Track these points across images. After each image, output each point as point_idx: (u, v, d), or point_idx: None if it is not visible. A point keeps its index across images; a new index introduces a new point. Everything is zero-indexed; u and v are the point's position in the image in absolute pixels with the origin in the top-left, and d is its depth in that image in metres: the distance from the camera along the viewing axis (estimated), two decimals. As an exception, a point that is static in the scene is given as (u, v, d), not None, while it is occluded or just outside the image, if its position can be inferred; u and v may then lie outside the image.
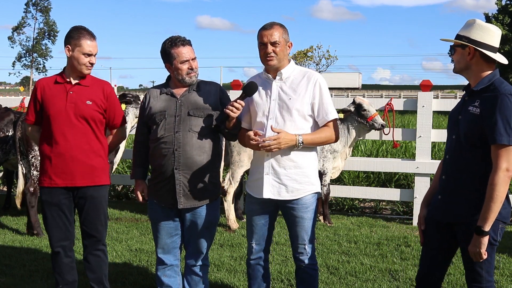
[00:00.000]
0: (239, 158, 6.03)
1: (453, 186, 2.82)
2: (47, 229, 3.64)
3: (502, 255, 5.09)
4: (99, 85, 3.62)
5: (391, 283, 4.38)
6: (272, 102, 3.22)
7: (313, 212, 3.27)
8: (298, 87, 3.20)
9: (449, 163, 2.86)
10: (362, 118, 6.23)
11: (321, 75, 3.29)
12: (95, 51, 3.54)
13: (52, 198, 3.55)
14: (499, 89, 2.66)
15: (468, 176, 2.76)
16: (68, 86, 3.54)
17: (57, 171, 3.50)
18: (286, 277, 4.49)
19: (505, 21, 40.44)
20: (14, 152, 6.00)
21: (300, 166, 3.20)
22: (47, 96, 3.54)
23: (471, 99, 2.78)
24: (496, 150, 2.62)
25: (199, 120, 3.30)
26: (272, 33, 3.16)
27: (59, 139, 3.49)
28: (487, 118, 2.64)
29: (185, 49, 3.30)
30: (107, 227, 3.74)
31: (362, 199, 7.36)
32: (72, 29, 3.56)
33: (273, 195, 3.22)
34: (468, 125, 2.73)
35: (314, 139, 3.18)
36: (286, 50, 3.23)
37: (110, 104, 3.64)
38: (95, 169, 3.56)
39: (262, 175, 3.22)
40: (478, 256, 2.68)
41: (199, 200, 3.34)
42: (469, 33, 2.77)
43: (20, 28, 64.62)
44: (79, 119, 3.49)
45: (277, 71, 3.23)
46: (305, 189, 3.22)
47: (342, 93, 45.80)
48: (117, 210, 6.99)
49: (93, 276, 3.67)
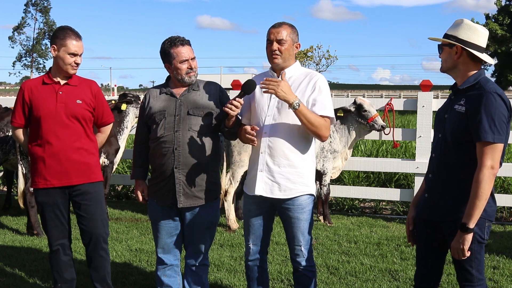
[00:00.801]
0: (239, 158, 6.03)
1: (440, 184, 2.84)
2: (45, 229, 3.65)
3: (502, 255, 5.09)
4: (87, 84, 3.66)
5: (391, 283, 4.38)
6: (272, 100, 3.22)
7: (309, 214, 3.24)
8: (299, 86, 3.20)
9: (435, 162, 2.88)
10: (363, 118, 6.23)
11: (323, 77, 3.29)
12: (81, 51, 3.56)
13: (49, 198, 3.56)
14: (485, 88, 2.70)
15: (454, 174, 2.78)
16: (57, 86, 3.56)
17: (52, 171, 3.51)
18: (286, 277, 4.49)
19: (505, 21, 40.46)
20: (14, 152, 6.00)
21: (295, 165, 3.19)
22: (35, 97, 3.54)
23: (457, 98, 2.81)
24: (481, 147, 2.64)
25: (199, 119, 3.31)
26: (280, 31, 3.17)
27: (52, 139, 3.49)
28: (472, 116, 2.67)
29: (184, 48, 3.31)
30: (108, 224, 3.75)
31: (362, 199, 7.36)
32: (57, 29, 3.58)
33: (265, 192, 3.20)
34: (454, 123, 2.75)
35: (308, 114, 3.07)
36: (292, 50, 3.22)
37: (98, 102, 3.67)
38: (90, 166, 3.59)
39: (256, 172, 3.22)
40: (461, 253, 2.69)
41: (198, 199, 3.34)
42: (457, 32, 2.80)
43: (20, 28, 64.69)
44: (71, 119, 3.52)
45: (282, 70, 3.23)
46: (298, 189, 3.19)
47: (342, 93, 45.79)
48: (117, 210, 6.99)
49: (96, 275, 3.68)
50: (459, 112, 2.74)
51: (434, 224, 2.88)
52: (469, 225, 2.63)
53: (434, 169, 2.89)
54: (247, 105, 3.31)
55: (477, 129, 2.64)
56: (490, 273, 4.61)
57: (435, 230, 2.90)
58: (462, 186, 2.74)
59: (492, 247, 5.35)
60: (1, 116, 6.15)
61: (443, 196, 2.82)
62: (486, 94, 2.67)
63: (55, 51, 3.52)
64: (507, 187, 7.33)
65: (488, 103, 2.64)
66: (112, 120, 3.86)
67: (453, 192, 2.78)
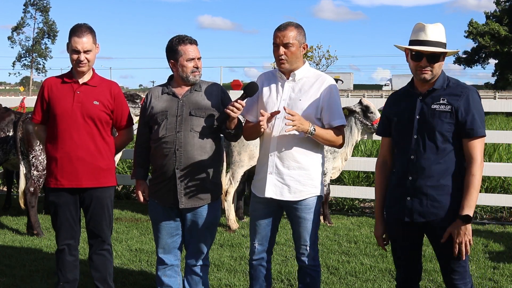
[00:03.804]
0: (239, 158, 6.03)
1: (426, 185, 2.80)
2: (54, 228, 3.65)
3: (502, 255, 5.09)
4: (107, 86, 3.60)
5: (391, 283, 4.38)
6: (282, 101, 3.20)
7: (316, 214, 3.25)
8: (310, 89, 3.19)
9: (416, 163, 2.81)
10: (368, 120, 6.24)
11: (334, 80, 3.27)
12: (85, 47, 3.42)
13: (59, 199, 3.55)
14: (463, 85, 2.80)
15: (443, 173, 2.78)
16: (76, 86, 3.52)
17: (63, 172, 3.49)
18: (286, 277, 4.49)
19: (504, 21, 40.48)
20: (14, 152, 6.00)
21: (305, 167, 3.19)
22: (54, 95, 3.52)
23: (432, 98, 2.80)
24: (474, 142, 2.74)
25: (201, 120, 3.30)
26: (285, 34, 3.12)
27: (66, 139, 3.47)
28: (464, 114, 2.73)
29: (192, 47, 3.31)
30: (112, 228, 3.75)
31: (362, 199, 7.36)
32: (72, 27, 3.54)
33: (275, 195, 3.21)
34: (440, 123, 2.75)
35: (324, 134, 3.14)
36: (299, 52, 3.19)
37: (117, 105, 3.61)
38: (101, 170, 3.54)
39: (266, 174, 3.22)
40: (468, 244, 2.73)
41: (200, 200, 3.34)
42: (440, 37, 2.80)
43: (19, 28, 64.57)
44: (86, 119, 3.47)
45: (291, 72, 3.22)
46: (308, 191, 3.20)
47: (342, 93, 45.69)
48: (117, 210, 6.98)
49: (98, 275, 3.67)
50: (443, 112, 2.76)
51: (414, 226, 2.87)
52: (471, 215, 2.72)
53: (414, 171, 2.82)
54: (254, 101, 3.32)
55: (472, 125, 2.73)
56: (490, 273, 4.62)
57: (413, 231, 2.91)
58: (451, 184, 2.78)
59: (492, 247, 5.35)
60: (1, 116, 6.15)
61: (434, 197, 2.79)
62: (471, 92, 2.78)
63: (67, 50, 3.51)
64: (507, 187, 7.33)
65: (475, 99, 2.76)
66: (132, 123, 3.80)
67: (444, 190, 2.78)
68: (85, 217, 3.65)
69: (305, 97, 3.18)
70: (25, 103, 7.78)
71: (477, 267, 4.75)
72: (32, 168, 5.75)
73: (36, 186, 5.76)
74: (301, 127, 3.04)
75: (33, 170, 5.75)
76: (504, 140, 7.04)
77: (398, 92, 3.11)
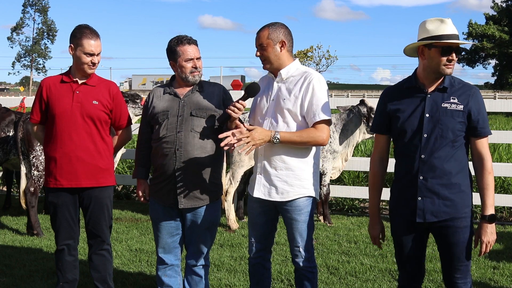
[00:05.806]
0: (239, 158, 6.04)
1: (438, 184, 2.78)
2: (53, 228, 3.65)
3: (502, 255, 5.10)
4: (105, 85, 3.62)
5: (391, 283, 4.38)
6: (271, 102, 3.20)
7: (308, 215, 3.20)
8: (294, 88, 3.15)
9: (427, 162, 2.78)
10: (371, 121, 6.22)
11: (320, 75, 3.21)
12: (98, 50, 3.51)
13: (58, 199, 3.55)
14: (468, 85, 2.82)
15: (454, 171, 2.78)
16: (75, 85, 3.53)
17: (62, 172, 3.50)
18: (286, 277, 4.49)
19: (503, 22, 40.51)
20: (14, 152, 6.00)
21: (292, 168, 3.16)
22: (53, 95, 3.52)
23: (441, 96, 2.77)
24: (484, 141, 2.80)
25: (202, 121, 3.31)
26: (259, 35, 3.16)
27: (65, 139, 3.48)
28: (476, 114, 2.75)
29: (191, 47, 3.31)
30: (111, 228, 3.75)
31: (362, 199, 7.36)
32: (75, 28, 3.55)
33: (263, 195, 3.21)
34: (451, 122, 2.74)
35: (292, 137, 3.06)
36: (276, 50, 3.14)
37: (116, 105, 3.63)
38: (100, 170, 3.55)
39: (256, 175, 3.25)
40: (492, 243, 2.81)
41: (200, 200, 3.34)
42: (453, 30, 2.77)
43: (19, 28, 64.56)
44: (85, 119, 3.49)
45: (277, 71, 3.21)
46: (295, 191, 3.16)
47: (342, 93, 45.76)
48: (117, 210, 6.98)
49: (97, 275, 3.68)
50: (455, 110, 2.74)
51: (427, 225, 2.86)
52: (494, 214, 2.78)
53: (428, 170, 2.78)
54: (254, 107, 3.33)
55: (484, 124, 2.77)
56: (490, 273, 4.62)
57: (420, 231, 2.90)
58: (463, 181, 2.80)
59: (492, 247, 5.34)
60: (2, 116, 6.15)
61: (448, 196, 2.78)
62: (477, 91, 2.80)
63: (73, 50, 3.51)
64: (507, 187, 7.33)
65: (481, 98, 2.79)
66: (131, 123, 3.82)
67: (457, 189, 2.78)
68: (84, 217, 3.65)
69: (289, 96, 3.14)
70: (25, 103, 7.79)
71: (477, 267, 4.75)
72: (33, 168, 5.76)
73: (37, 186, 5.76)
74: (258, 142, 3.01)
75: (33, 170, 5.76)
76: (504, 140, 7.04)
77: (398, 87, 2.97)
